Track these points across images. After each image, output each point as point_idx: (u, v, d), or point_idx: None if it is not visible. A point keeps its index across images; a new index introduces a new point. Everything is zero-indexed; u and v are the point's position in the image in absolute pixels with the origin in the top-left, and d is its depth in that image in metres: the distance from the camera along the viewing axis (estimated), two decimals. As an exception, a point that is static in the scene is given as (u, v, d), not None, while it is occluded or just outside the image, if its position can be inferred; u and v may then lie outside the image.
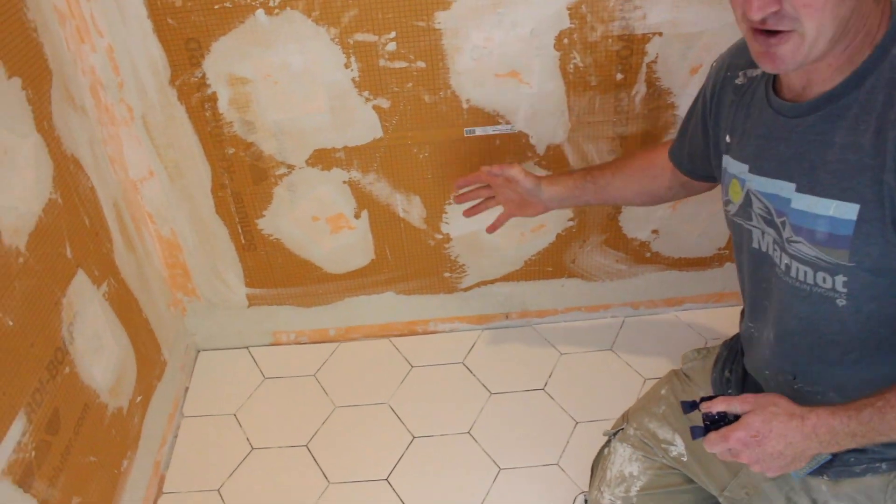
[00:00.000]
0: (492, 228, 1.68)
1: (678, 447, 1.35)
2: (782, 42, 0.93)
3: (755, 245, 1.16)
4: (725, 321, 2.07)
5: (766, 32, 0.94)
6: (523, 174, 1.51)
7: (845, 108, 0.98)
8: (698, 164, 1.36)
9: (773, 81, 1.10)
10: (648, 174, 1.47)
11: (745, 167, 1.13)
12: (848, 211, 0.98)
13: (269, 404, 1.97)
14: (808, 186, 1.02)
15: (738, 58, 1.20)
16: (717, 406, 1.08)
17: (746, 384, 1.32)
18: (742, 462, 1.06)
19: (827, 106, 1.00)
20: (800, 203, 1.03)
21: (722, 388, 1.34)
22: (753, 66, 1.15)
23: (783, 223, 1.07)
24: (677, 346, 1.95)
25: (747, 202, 1.15)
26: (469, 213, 1.66)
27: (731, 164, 1.18)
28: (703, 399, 1.12)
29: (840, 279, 1.03)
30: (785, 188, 1.06)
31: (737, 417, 1.07)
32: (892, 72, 0.94)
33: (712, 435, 1.07)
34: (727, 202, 1.21)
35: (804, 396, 1.16)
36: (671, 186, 1.46)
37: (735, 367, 1.35)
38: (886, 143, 0.93)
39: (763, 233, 1.14)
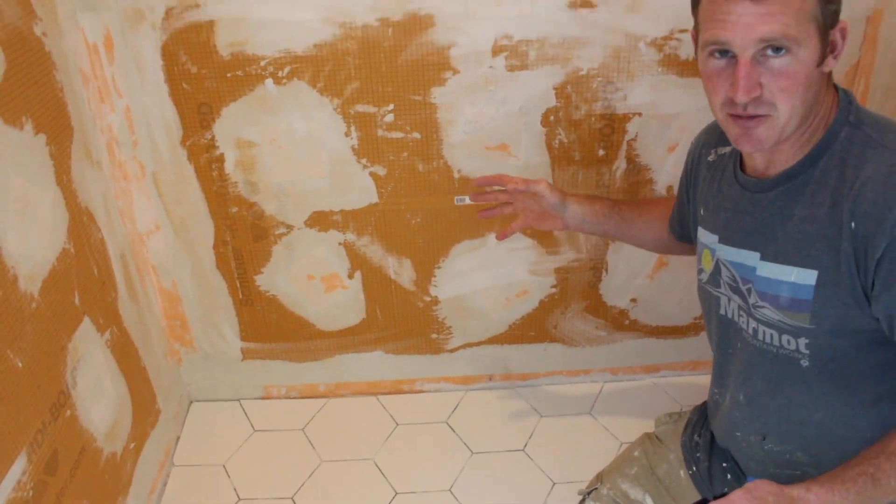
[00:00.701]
0: (502, 236, 1.65)
1: (648, 506, 1.41)
2: (760, 124, 1.04)
3: (722, 312, 1.25)
4: (701, 388, 2.09)
5: (745, 117, 1.05)
6: (549, 190, 1.51)
7: (803, 184, 1.08)
8: (687, 230, 1.45)
9: (740, 160, 1.21)
10: (665, 225, 1.53)
11: (716, 237, 1.23)
12: (808, 277, 1.07)
13: (258, 456, 2.02)
14: (772, 255, 1.12)
15: (710, 137, 1.31)
16: None
17: (714, 448, 1.38)
18: None
19: (786, 183, 1.10)
20: (764, 271, 1.13)
21: (691, 451, 1.41)
22: (723, 144, 1.26)
23: (749, 290, 1.16)
24: (654, 411, 1.99)
25: (717, 270, 1.24)
26: (484, 214, 1.64)
27: (703, 235, 1.28)
28: None
29: (803, 341, 1.11)
30: (750, 257, 1.15)
31: None
32: (842, 153, 1.05)
33: None
34: (700, 270, 1.30)
35: (774, 456, 1.24)
36: (681, 243, 1.53)
37: (704, 432, 1.41)
38: (842, 215, 1.03)
39: (730, 300, 1.23)
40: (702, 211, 1.29)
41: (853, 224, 1.01)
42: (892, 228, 0.98)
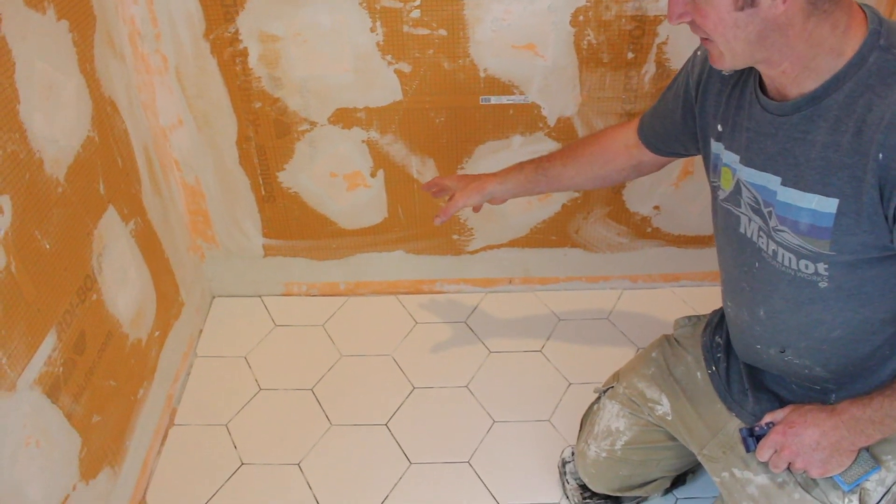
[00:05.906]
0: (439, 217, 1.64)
1: (664, 406, 1.43)
2: (709, 46, 1.06)
3: (741, 230, 1.22)
4: (720, 299, 2.13)
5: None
6: (464, 201, 1.58)
7: (826, 109, 1.04)
8: (669, 143, 1.41)
9: (760, 79, 1.15)
10: (600, 160, 1.50)
11: (737, 157, 1.19)
12: (828, 205, 1.05)
13: (279, 350, 2.07)
14: (793, 181, 1.09)
15: None
16: (765, 419, 1.25)
17: (731, 350, 1.40)
18: (788, 462, 1.18)
19: (809, 107, 1.06)
20: (785, 196, 1.10)
21: (711, 351, 1.42)
22: None
23: (770, 213, 1.14)
24: (672, 319, 1.99)
25: (737, 190, 1.21)
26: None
27: (723, 153, 1.23)
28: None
29: (822, 265, 1.11)
30: (772, 181, 1.12)
31: None
32: (869, 78, 1.00)
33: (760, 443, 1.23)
34: (717, 187, 1.26)
35: (793, 367, 1.25)
36: (623, 168, 1.50)
37: (723, 333, 1.42)
38: (868, 144, 0.99)
39: (750, 220, 1.20)
40: (719, 126, 1.24)
41: (881, 155, 0.98)
42: None
